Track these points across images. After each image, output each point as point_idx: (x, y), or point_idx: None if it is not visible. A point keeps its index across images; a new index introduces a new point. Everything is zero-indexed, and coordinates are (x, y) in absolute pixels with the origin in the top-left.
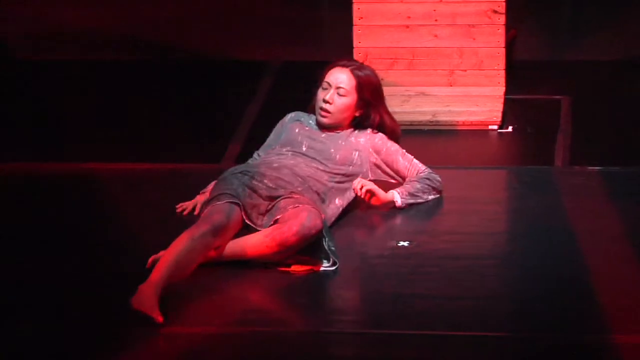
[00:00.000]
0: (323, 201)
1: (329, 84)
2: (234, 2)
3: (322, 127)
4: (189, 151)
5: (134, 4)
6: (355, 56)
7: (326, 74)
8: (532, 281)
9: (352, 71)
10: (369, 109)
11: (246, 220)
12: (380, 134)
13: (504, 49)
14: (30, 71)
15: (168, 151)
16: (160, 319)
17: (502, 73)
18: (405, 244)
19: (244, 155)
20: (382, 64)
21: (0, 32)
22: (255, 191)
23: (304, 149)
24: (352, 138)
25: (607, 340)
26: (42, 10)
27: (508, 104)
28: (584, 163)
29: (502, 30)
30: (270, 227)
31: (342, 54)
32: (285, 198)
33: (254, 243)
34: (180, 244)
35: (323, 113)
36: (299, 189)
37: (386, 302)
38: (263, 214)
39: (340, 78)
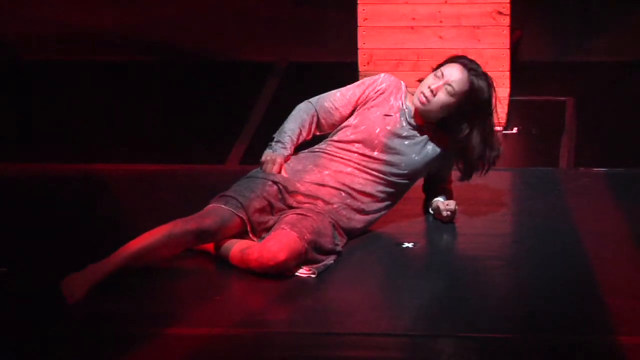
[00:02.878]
0: (362, 211)
1: (442, 74)
2: (239, 2)
3: (410, 117)
4: (194, 152)
5: (139, 4)
6: (360, 57)
7: (444, 64)
8: (538, 282)
9: (469, 76)
10: (463, 120)
11: (251, 235)
12: (451, 154)
13: (508, 51)
14: (33, 71)
15: (173, 152)
16: (69, 302)
17: (507, 74)
18: (410, 245)
19: (250, 156)
20: (387, 65)
21: (4, 32)
22: (272, 206)
23: (375, 153)
24: (429, 148)
25: (613, 342)
26: (45, 11)
27: (513, 105)
28: (589, 164)
29: (506, 32)
30: (248, 243)
31: (347, 55)
32: (291, 215)
33: (235, 252)
34: (156, 235)
35: (422, 98)
36: (335, 205)
37: (391, 303)
38: (269, 229)
39: (455, 75)
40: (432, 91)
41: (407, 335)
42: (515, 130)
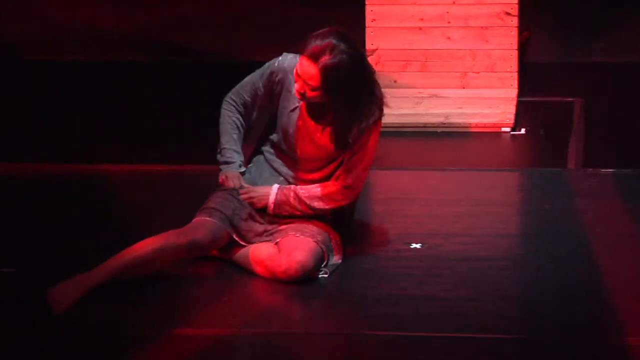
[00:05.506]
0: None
1: (298, 72)
2: (245, 3)
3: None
4: (197, 152)
5: (142, 5)
6: (369, 58)
7: (302, 49)
8: (545, 283)
9: (320, 68)
10: (339, 96)
11: (241, 243)
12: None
13: (516, 51)
14: (37, 72)
15: (176, 152)
16: (55, 311)
17: (515, 75)
18: (418, 246)
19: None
20: (395, 66)
21: (8, 33)
22: (252, 217)
23: (297, 154)
24: (337, 139)
25: (619, 343)
26: (50, 11)
27: (521, 106)
28: (597, 165)
29: (514, 33)
30: (268, 253)
31: None
32: (289, 224)
33: (257, 262)
34: (147, 248)
35: (298, 97)
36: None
37: (399, 304)
38: (260, 235)
39: (306, 73)
40: (300, 94)
41: (417, 336)
42: (523, 131)
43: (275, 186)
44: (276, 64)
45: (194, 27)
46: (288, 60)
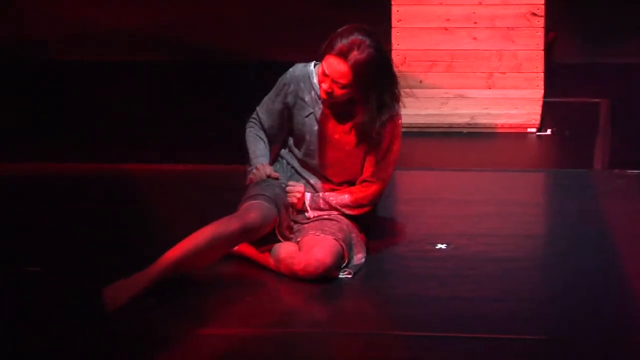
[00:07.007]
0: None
1: (325, 71)
2: (270, 3)
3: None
4: (217, 152)
5: (161, 6)
6: (394, 59)
7: (328, 49)
8: (571, 284)
9: (350, 66)
10: (369, 91)
11: (276, 231)
12: (387, 129)
13: (543, 52)
14: (56, 71)
15: (196, 152)
16: (109, 309)
17: (541, 76)
18: (443, 246)
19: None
20: (421, 67)
21: (33, 33)
22: (287, 208)
23: (315, 161)
24: (360, 135)
25: None
26: (69, 11)
27: (547, 106)
28: (623, 166)
29: (541, 33)
30: (289, 251)
31: None
32: (310, 223)
33: (278, 260)
34: (201, 237)
35: (323, 96)
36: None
37: (424, 304)
38: (290, 229)
39: (336, 72)
40: (327, 93)
41: (442, 336)
42: (549, 131)
43: (308, 194)
44: (287, 76)
45: (218, 28)
46: (299, 69)
